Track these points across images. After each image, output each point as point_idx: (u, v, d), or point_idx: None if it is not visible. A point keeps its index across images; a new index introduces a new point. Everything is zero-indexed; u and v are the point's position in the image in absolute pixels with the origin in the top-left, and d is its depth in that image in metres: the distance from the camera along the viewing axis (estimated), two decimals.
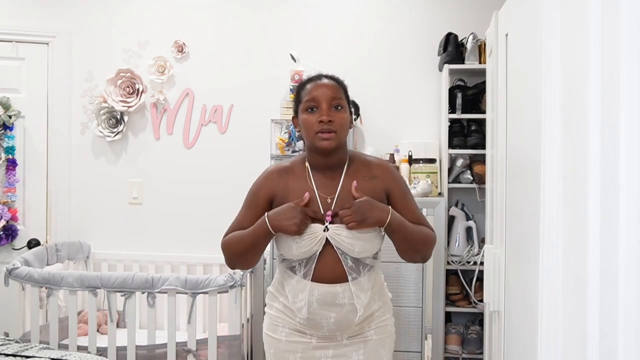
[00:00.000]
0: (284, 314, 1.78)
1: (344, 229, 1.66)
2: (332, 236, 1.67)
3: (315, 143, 1.68)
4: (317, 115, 1.66)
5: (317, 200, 1.70)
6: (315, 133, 1.66)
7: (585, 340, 1.00)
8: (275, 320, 1.80)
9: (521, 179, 1.66)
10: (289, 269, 1.74)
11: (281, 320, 1.79)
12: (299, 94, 1.74)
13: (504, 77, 2.00)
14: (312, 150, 1.73)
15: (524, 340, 1.58)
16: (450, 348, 3.00)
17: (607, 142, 0.95)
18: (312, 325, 1.73)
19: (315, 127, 1.66)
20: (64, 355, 2.16)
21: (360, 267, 1.70)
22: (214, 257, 3.36)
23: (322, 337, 1.75)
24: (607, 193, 0.95)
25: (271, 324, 1.82)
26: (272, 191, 1.75)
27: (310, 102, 1.68)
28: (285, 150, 3.16)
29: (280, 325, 1.79)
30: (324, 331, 1.72)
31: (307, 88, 1.71)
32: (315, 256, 1.68)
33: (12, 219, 3.32)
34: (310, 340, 1.75)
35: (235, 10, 3.45)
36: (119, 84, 3.39)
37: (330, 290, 1.68)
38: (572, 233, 1.12)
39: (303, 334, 1.76)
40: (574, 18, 1.11)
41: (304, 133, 1.71)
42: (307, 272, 1.69)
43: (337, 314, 1.69)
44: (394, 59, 3.35)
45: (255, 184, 1.81)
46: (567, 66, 1.17)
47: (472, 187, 3.09)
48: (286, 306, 1.76)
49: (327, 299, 1.68)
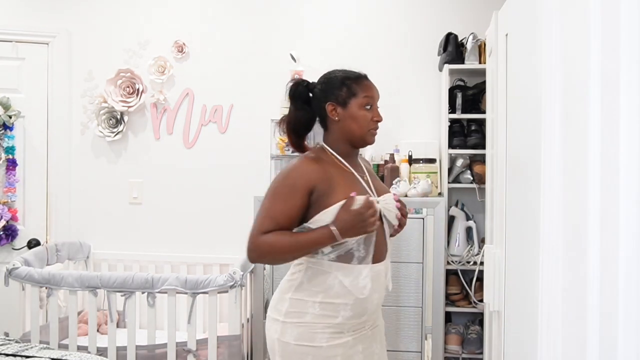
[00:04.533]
0: (323, 315, 1.70)
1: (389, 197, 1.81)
2: (384, 207, 1.76)
3: (365, 137, 1.79)
4: (371, 113, 1.78)
5: (359, 180, 1.78)
6: (369, 129, 1.78)
7: (585, 340, 1.00)
8: (313, 327, 1.71)
9: (521, 179, 1.66)
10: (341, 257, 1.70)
11: (320, 325, 1.71)
12: (350, 86, 1.77)
13: (504, 77, 2.00)
14: (349, 141, 1.79)
15: (524, 340, 1.58)
16: (450, 348, 3.00)
17: (607, 142, 0.95)
18: (358, 314, 1.72)
19: (370, 125, 1.78)
20: (64, 355, 2.16)
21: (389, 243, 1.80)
22: (214, 257, 3.37)
23: (356, 332, 1.74)
24: (607, 193, 0.95)
25: (307, 333, 1.71)
26: (314, 180, 1.70)
27: (369, 98, 1.78)
28: (285, 150, 3.16)
29: (319, 331, 1.71)
30: (363, 319, 1.73)
31: (365, 84, 1.79)
32: (373, 235, 1.71)
33: (12, 219, 3.32)
34: (348, 339, 1.73)
35: (235, 10, 3.45)
36: (119, 84, 3.39)
37: (380, 268, 1.74)
38: (572, 233, 1.12)
39: (341, 334, 1.72)
40: (574, 18, 1.11)
41: (355, 126, 1.76)
42: (368, 254, 1.71)
43: (378, 294, 1.75)
44: (394, 59, 3.35)
45: (290, 177, 1.73)
46: (567, 66, 1.17)
47: (472, 187, 3.09)
48: (327, 303, 1.70)
49: (377, 278, 1.73)
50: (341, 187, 1.70)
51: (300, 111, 1.82)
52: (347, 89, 1.78)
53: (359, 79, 1.80)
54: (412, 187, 2.91)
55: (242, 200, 3.32)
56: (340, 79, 1.80)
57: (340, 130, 1.78)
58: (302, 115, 1.82)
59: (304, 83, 1.85)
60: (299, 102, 1.83)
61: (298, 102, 1.83)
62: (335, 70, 1.84)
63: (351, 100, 1.77)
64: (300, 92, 1.83)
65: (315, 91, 1.82)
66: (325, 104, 1.78)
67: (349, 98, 1.77)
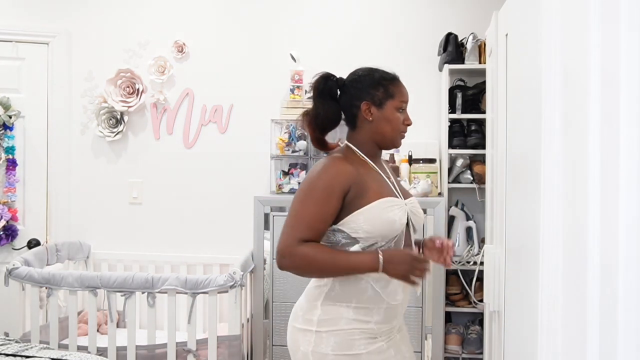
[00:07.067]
0: (358, 320, 1.66)
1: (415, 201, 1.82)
2: (411, 210, 1.75)
3: (395, 140, 1.78)
4: (403, 116, 1.77)
5: (386, 181, 1.76)
6: (400, 132, 1.78)
7: (585, 340, 1.00)
8: (350, 334, 1.65)
9: (521, 179, 1.66)
10: None
11: (356, 331, 1.66)
12: (387, 87, 1.74)
13: (504, 77, 2.00)
14: (378, 142, 1.78)
15: (524, 340, 1.58)
16: (450, 348, 3.00)
17: (607, 142, 0.95)
18: (388, 319, 1.70)
19: (401, 127, 1.77)
20: (64, 355, 2.16)
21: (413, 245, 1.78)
22: (214, 257, 3.37)
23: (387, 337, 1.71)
24: (607, 193, 0.95)
25: (345, 340, 1.65)
26: (349, 181, 1.65)
27: (404, 102, 1.77)
28: (285, 150, 3.16)
29: (356, 337, 1.65)
30: (394, 323, 1.72)
31: (401, 86, 1.78)
32: (403, 232, 1.70)
33: (12, 219, 3.32)
34: (381, 344, 1.69)
35: (236, 10, 3.45)
36: (119, 84, 3.39)
37: None
38: (572, 233, 1.12)
39: (375, 339, 1.68)
40: (574, 18, 1.11)
41: (388, 128, 1.75)
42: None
43: (405, 300, 1.74)
44: (394, 59, 3.35)
45: (325, 178, 1.65)
46: (567, 66, 1.17)
47: (472, 187, 3.09)
48: (360, 308, 1.66)
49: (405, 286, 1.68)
50: (373, 189, 1.68)
51: (328, 106, 1.75)
52: (384, 89, 1.74)
53: (394, 81, 1.77)
54: (412, 187, 2.91)
55: (242, 200, 3.32)
56: (377, 79, 1.75)
57: (372, 131, 1.75)
58: (330, 111, 1.75)
59: (334, 77, 1.77)
60: (327, 97, 1.75)
61: (326, 96, 1.75)
62: (367, 68, 1.78)
63: (388, 101, 1.74)
64: (330, 87, 1.75)
65: (347, 88, 1.75)
66: (359, 102, 1.72)
67: (385, 99, 1.73)
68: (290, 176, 3.09)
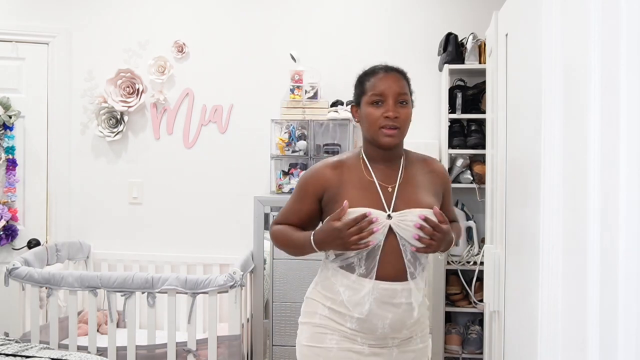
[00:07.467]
0: (332, 320, 1.63)
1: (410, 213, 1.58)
2: (397, 224, 1.58)
3: (378, 138, 1.63)
4: (382, 109, 1.62)
5: (377, 189, 1.63)
6: (379, 128, 1.62)
7: (585, 340, 1.00)
8: (322, 329, 1.64)
9: (521, 179, 1.66)
10: (344, 267, 1.62)
11: (329, 328, 1.63)
12: (362, 83, 1.68)
13: (504, 77, 2.00)
14: (372, 144, 1.68)
15: (524, 340, 1.58)
16: (450, 348, 3.00)
17: (607, 142, 0.95)
18: (366, 329, 1.60)
19: (380, 122, 1.62)
20: (64, 355, 2.16)
21: (417, 263, 1.62)
22: (214, 257, 3.37)
23: (374, 344, 1.62)
24: (607, 193, 0.95)
25: (316, 334, 1.65)
26: (323, 185, 1.66)
27: (377, 96, 1.63)
28: (285, 150, 3.16)
29: (328, 333, 1.63)
30: (376, 335, 1.61)
31: (373, 80, 1.66)
32: (379, 249, 1.57)
33: (12, 219, 3.32)
34: (362, 347, 1.62)
35: (235, 10, 3.45)
36: (119, 84, 3.39)
37: (390, 287, 1.58)
38: (572, 233, 1.12)
39: (354, 341, 1.62)
40: (574, 18, 1.11)
41: (366, 126, 1.65)
42: (370, 269, 1.58)
43: (393, 315, 1.59)
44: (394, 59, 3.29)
45: (304, 178, 1.73)
46: (567, 66, 1.17)
47: (472, 187, 3.09)
48: (334, 311, 1.63)
49: (385, 298, 1.58)
50: (350, 195, 1.60)
51: None
52: (360, 86, 1.69)
53: (371, 74, 1.68)
54: None
55: (242, 200, 3.32)
56: (358, 77, 1.72)
57: (363, 133, 1.70)
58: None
59: None
60: None
61: None
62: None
63: (362, 98, 1.67)
64: None
65: None
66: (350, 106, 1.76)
67: (360, 96, 1.68)
68: (290, 176, 3.10)
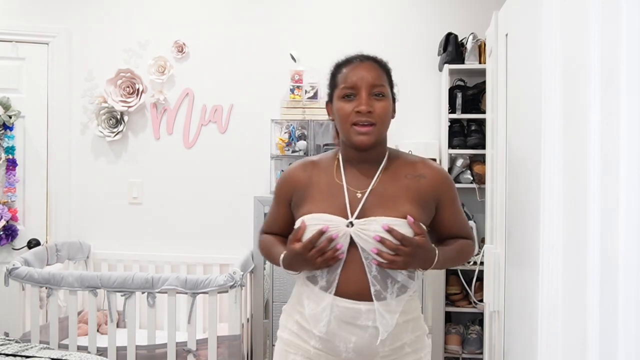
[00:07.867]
0: (298, 336, 1.50)
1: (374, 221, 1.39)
2: (357, 233, 1.40)
3: (350, 137, 1.44)
4: (354, 103, 1.43)
5: (344, 194, 1.45)
6: (351, 125, 1.43)
7: (585, 340, 1.00)
8: (287, 347, 1.52)
9: (521, 179, 1.66)
10: (309, 278, 1.48)
11: (294, 346, 1.50)
12: (334, 77, 1.51)
13: (504, 77, 2.00)
14: (346, 144, 1.50)
15: (524, 340, 1.58)
16: (450, 348, 3.00)
17: (607, 142, 0.95)
18: (329, 350, 1.45)
19: (351, 118, 1.43)
20: (64, 355, 2.16)
21: (388, 281, 1.42)
22: (214, 257, 3.37)
23: None
24: (607, 193, 0.95)
25: (282, 350, 1.54)
26: (292, 186, 1.54)
27: (349, 89, 1.44)
28: (285, 150, 3.16)
29: (292, 352, 1.50)
30: (341, 359, 1.45)
31: (344, 71, 1.48)
32: (340, 263, 1.42)
33: (12, 219, 3.32)
34: None
35: (236, 10, 3.45)
36: (119, 84, 3.39)
37: (352, 307, 1.42)
38: (572, 233, 1.12)
39: None
40: (574, 18, 1.11)
41: (338, 124, 1.48)
42: (330, 283, 1.43)
43: (357, 338, 1.42)
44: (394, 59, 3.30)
45: (277, 181, 1.63)
46: (567, 66, 1.16)
47: (472, 187, 3.09)
48: (301, 327, 1.49)
49: (347, 318, 1.42)
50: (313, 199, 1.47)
51: None
52: (332, 80, 1.52)
53: (344, 64, 1.51)
54: None
55: (242, 200, 3.32)
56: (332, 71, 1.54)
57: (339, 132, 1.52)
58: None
59: None
60: None
61: None
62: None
63: (334, 92, 1.49)
64: None
65: None
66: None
67: (333, 91, 1.51)
68: None
